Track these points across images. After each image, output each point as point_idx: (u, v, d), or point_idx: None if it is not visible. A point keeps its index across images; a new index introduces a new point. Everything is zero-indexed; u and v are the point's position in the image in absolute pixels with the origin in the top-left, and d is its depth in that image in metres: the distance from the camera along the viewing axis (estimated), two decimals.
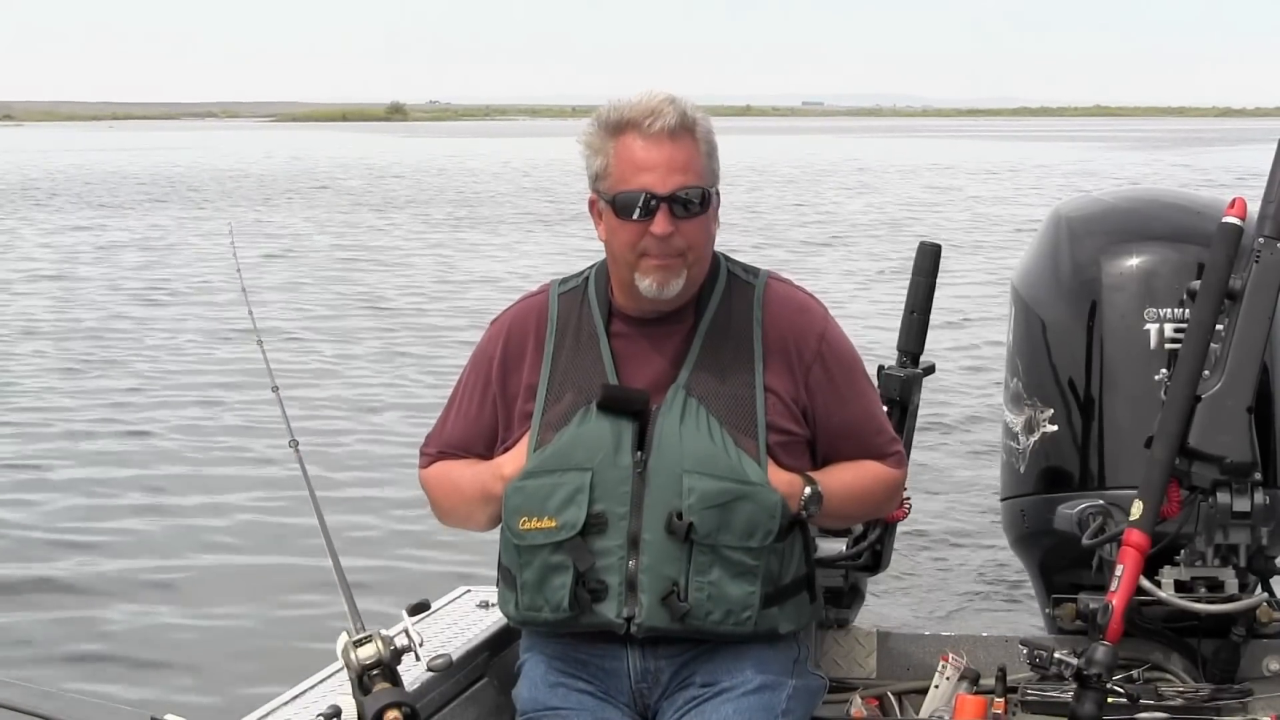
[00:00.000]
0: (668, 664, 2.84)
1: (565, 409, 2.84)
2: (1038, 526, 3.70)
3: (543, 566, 2.79)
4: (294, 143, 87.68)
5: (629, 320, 2.88)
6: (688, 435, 2.77)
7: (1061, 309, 3.70)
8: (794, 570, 2.85)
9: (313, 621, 6.29)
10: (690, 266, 2.80)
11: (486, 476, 2.90)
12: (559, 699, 2.87)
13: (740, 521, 2.75)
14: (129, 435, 10.58)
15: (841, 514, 2.99)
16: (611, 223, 2.81)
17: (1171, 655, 3.54)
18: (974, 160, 57.47)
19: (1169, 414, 3.25)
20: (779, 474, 2.80)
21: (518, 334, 2.95)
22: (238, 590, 7.24)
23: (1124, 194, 4.07)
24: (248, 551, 7.84)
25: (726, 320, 2.87)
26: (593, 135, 2.82)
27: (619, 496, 2.76)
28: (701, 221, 2.79)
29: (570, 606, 2.77)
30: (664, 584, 2.74)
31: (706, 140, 2.81)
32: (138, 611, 6.99)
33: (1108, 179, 39.67)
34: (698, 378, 2.82)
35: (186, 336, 14.82)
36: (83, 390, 12.25)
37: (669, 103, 2.77)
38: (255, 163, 57.01)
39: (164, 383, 12.47)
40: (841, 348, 2.93)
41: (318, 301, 17.38)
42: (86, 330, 15.40)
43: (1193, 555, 3.38)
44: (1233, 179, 37.26)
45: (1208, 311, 3.28)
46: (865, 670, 3.69)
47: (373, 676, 2.62)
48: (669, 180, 2.75)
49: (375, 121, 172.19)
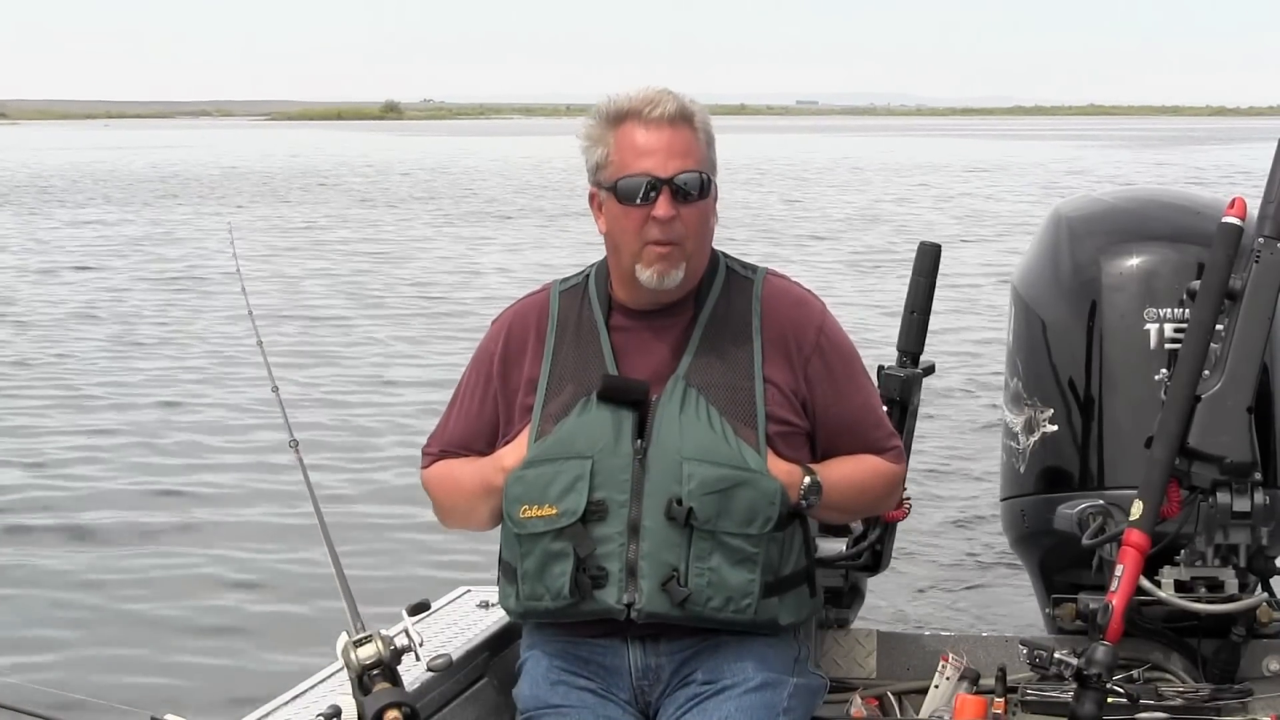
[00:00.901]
0: (668, 661, 2.85)
1: (566, 400, 2.86)
2: (1038, 526, 3.70)
3: (543, 554, 2.80)
4: (293, 141, 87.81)
5: (629, 313, 2.90)
6: (687, 424, 2.78)
7: (1061, 309, 3.70)
8: (794, 562, 2.86)
9: (313, 621, 6.30)
10: (690, 257, 2.82)
11: (488, 469, 2.92)
12: (560, 696, 2.88)
13: (740, 508, 2.76)
14: (128, 435, 10.58)
15: (841, 506, 3.00)
16: (614, 210, 2.83)
17: (1171, 655, 3.54)
18: (968, 159, 57.51)
19: (1169, 414, 3.25)
20: (778, 463, 2.81)
21: (519, 331, 2.97)
22: (238, 590, 7.24)
23: (1124, 194, 4.07)
24: (248, 551, 7.84)
25: (726, 312, 2.89)
26: (592, 127, 2.85)
27: (619, 484, 2.77)
28: (701, 209, 2.82)
29: (571, 593, 2.78)
30: (664, 570, 2.75)
31: (705, 130, 2.84)
32: (137, 611, 6.99)
33: (1103, 177, 39.71)
34: (697, 368, 2.84)
35: (187, 336, 14.81)
36: (83, 389, 12.24)
37: (667, 93, 2.82)
38: (258, 161, 57.14)
39: (164, 383, 12.47)
40: (839, 341, 2.95)
41: (318, 301, 17.38)
42: (86, 329, 15.41)
43: (1193, 555, 3.38)
44: (1218, 176, 37.35)
45: (1208, 311, 3.28)
46: (865, 670, 3.69)
47: (373, 676, 2.63)
48: (670, 164, 2.78)
49: (370, 120, 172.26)
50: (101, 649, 6.53)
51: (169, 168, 51.01)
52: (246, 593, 7.21)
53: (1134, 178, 40.27)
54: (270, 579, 7.34)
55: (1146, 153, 60.70)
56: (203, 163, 55.41)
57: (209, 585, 7.34)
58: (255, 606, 7.01)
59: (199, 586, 7.33)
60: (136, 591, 7.26)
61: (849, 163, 55.47)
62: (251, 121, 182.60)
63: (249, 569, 7.57)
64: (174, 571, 7.56)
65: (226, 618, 6.89)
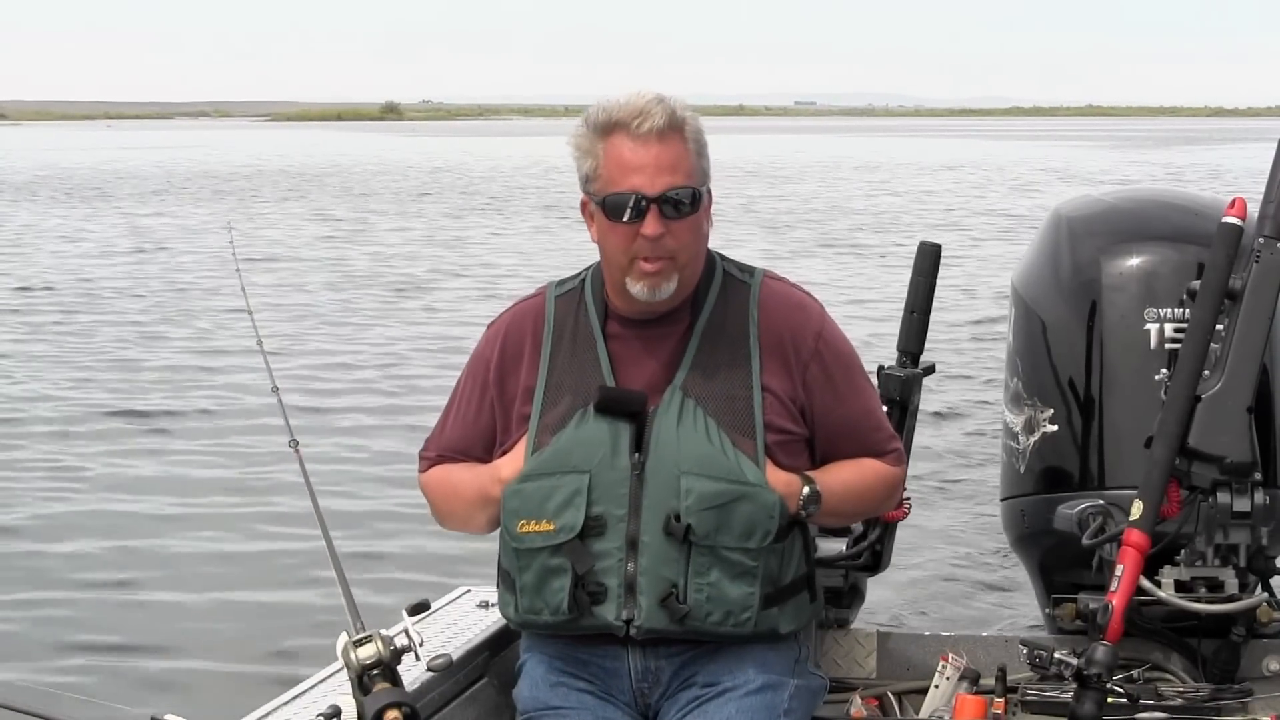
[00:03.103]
0: (668, 664, 2.84)
1: (563, 411, 2.83)
2: (1038, 526, 3.70)
3: (541, 569, 2.79)
4: (297, 141, 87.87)
5: (625, 322, 2.88)
6: (685, 436, 2.76)
7: (1061, 309, 3.70)
8: (794, 570, 2.85)
9: (313, 622, 6.30)
10: (682, 268, 2.79)
11: (485, 480, 2.90)
12: (560, 698, 2.87)
13: (739, 522, 2.74)
14: (127, 435, 10.57)
15: (841, 512, 2.99)
16: (603, 225, 2.80)
17: (1171, 655, 3.54)
18: (967, 158, 57.49)
19: (1169, 414, 3.25)
20: (777, 474, 2.79)
21: (514, 337, 2.95)
22: (238, 590, 7.24)
23: (1124, 194, 4.07)
24: (248, 551, 7.84)
25: (723, 320, 2.86)
26: (581, 137, 2.81)
27: (617, 498, 2.76)
28: (693, 222, 2.78)
29: (569, 609, 2.77)
30: (663, 586, 2.74)
31: (696, 139, 2.80)
32: (137, 611, 6.99)
33: (1105, 177, 39.70)
34: (694, 378, 2.82)
35: (187, 336, 14.81)
36: (81, 388, 12.24)
37: (657, 103, 2.76)
38: (266, 160, 57.17)
39: (164, 382, 12.46)
40: (838, 345, 2.93)
41: (319, 300, 17.37)
42: (87, 326, 15.41)
43: (1193, 555, 3.38)
44: (1208, 175, 37.32)
45: (1208, 311, 3.28)
46: (865, 670, 3.69)
47: (373, 676, 2.62)
48: (658, 181, 2.74)
49: (370, 121, 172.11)
50: (102, 648, 6.52)
51: (177, 165, 51.05)
52: (246, 592, 7.21)
53: (1135, 177, 40.29)
54: (270, 578, 7.34)
55: (1150, 153, 60.72)
56: (219, 160, 55.45)
57: (209, 585, 7.34)
58: (255, 606, 7.01)
59: (198, 586, 7.33)
60: (136, 591, 7.26)
61: (849, 162, 55.46)
62: (251, 122, 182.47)
63: (248, 568, 7.56)
64: (174, 571, 7.56)
65: (226, 617, 6.89)
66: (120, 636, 6.67)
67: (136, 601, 7.13)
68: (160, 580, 7.42)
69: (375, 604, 3.08)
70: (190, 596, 7.17)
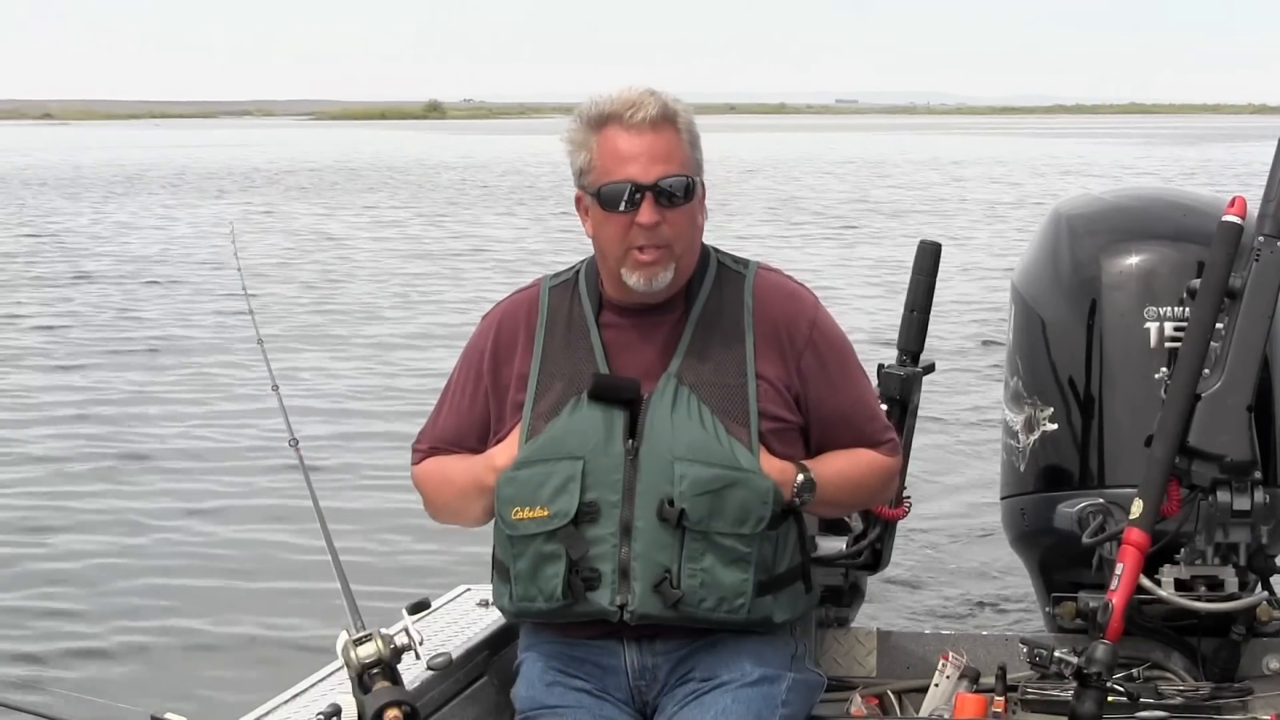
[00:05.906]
0: (665, 660, 2.85)
1: (556, 399, 2.85)
2: (1038, 525, 3.71)
3: (536, 556, 2.80)
4: (349, 140, 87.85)
5: (620, 310, 2.89)
6: (679, 423, 2.77)
7: (1061, 307, 3.71)
8: (788, 559, 2.85)
9: (313, 621, 6.29)
10: (678, 258, 2.81)
11: (479, 468, 2.91)
12: (557, 697, 2.87)
13: (732, 508, 2.75)
14: (127, 435, 10.57)
15: (836, 502, 2.99)
16: (598, 216, 2.82)
17: (1171, 654, 3.54)
18: (1011, 156, 57.39)
19: (1169, 413, 3.25)
20: (771, 461, 2.80)
21: (509, 326, 2.96)
22: (238, 589, 7.24)
23: (1124, 192, 4.08)
24: (247, 550, 7.83)
25: (717, 308, 2.88)
26: (574, 131, 2.83)
27: (611, 484, 2.77)
28: (688, 211, 2.80)
29: (564, 595, 2.78)
30: (656, 571, 2.74)
31: (688, 130, 2.82)
32: (137, 610, 6.99)
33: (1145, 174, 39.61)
34: (689, 366, 2.83)
35: (186, 337, 14.80)
36: (80, 387, 12.24)
37: (649, 94, 2.79)
38: (316, 158, 57.31)
39: (164, 383, 12.46)
40: (833, 335, 2.94)
41: (320, 299, 17.37)
42: (87, 325, 15.41)
43: (1193, 554, 3.38)
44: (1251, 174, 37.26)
45: (1208, 310, 3.28)
46: (865, 669, 3.69)
47: (373, 675, 2.63)
48: (652, 170, 2.76)
49: (413, 119, 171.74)
50: (102, 648, 6.52)
51: (244, 165, 51.27)
52: (246, 591, 7.20)
53: (1178, 175, 40.26)
54: (270, 578, 7.33)
55: (1197, 149, 60.57)
56: (281, 158, 55.58)
57: (208, 584, 7.34)
58: (255, 605, 7.00)
59: (198, 585, 7.32)
60: (136, 591, 7.25)
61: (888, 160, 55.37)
62: (295, 121, 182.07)
63: (249, 568, 7.56)
64: (173, 571, 7.56)
65: (226, 616, 6.88)
66: (120, 635, 6.67)
67: (136, 600, 7.12)
68: (159, 579, 7.42)
69: (375, 603, 3.06)
70: (189, 595, 7.17)
